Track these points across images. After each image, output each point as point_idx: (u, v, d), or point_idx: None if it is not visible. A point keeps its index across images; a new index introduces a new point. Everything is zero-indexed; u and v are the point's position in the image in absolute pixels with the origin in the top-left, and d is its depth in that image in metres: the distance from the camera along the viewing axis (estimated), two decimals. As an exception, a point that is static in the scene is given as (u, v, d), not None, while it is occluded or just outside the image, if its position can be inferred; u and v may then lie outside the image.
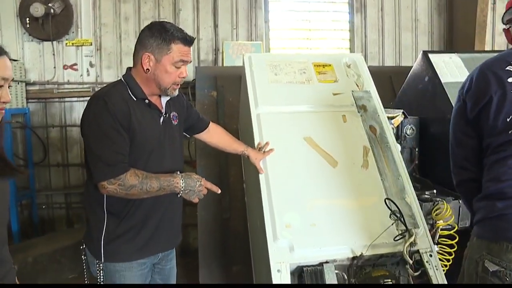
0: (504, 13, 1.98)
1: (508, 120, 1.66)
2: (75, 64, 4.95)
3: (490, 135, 1.71)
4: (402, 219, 2.13)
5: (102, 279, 1.97)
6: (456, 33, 5.04)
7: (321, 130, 2.53)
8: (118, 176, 1.79)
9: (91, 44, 4.93)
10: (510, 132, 1.66)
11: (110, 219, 1.94)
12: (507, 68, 1.73)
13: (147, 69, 1.89)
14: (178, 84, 1.97)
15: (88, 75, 4.96)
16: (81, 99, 4.92)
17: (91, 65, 4.96)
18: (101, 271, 1.96)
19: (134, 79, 1.94)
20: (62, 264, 3.79)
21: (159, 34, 1.86)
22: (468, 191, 1.88)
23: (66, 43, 4.90)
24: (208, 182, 2.01)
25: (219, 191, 2.07)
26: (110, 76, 4.92)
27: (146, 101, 1.94)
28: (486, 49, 4.84)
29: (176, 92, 2.00)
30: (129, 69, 2.00)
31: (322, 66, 2.89)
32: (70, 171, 4.98)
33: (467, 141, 1.82)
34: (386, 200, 2.16)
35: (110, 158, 1.79)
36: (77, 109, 4.95)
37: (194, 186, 1.95)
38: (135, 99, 1.91)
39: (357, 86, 2.82)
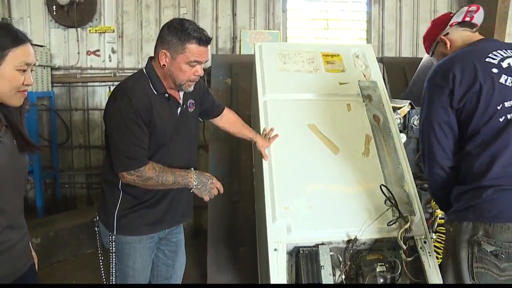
0: None
1: (498, 108, 1.73)
2: (98, 50, 5.14)
3: (478, 124, 1.76)
4: (395, 205, 2.20)
5: (113, 250, 2.12)
6: (477, 25, 4.97)
7: (325, 118, 2.61)
8: (137, 169, 1.93)
9: (113, 31, 5.12)
10: (500, 119, 1.73)
11: (124, 196, 2.08)
12: (487, 60, 1.80)
13: (164, 65, 1.98)
14: (193, 81, 2.05)
15: (110, 61, 5.15)
16: (103, 84, 5.11)
17: (113, 51, 5.14)
18: (113, 243, 2.11)
19: (155, 72, 2.04)
20: (81, 239, 4.00)
21: (176, 33, 1.93)
22: (449, 188, 1.90)
23: (90, 30, 5.09)
24: (218, 182, 2.15)
25: (222, 191, 2.19)
26: (131, 62, 5.09)
27: (166, 95, 2.05)
28: (506, 41, 4.77)
29: (191, 88, 2.07)
30: (150, 59, 2.09)
31: (331, 56, 2.95)
32: (92, 153, 5.20)
33: (450, 132, 1.83)
34: (382, 186, 2.23)
35: (131, 151, 1.93)
36: (99, 93, 5.15)
37: (206, 182, 2.08)
38: (155, 93, 2.02)
39: (364, 76, 2.87)
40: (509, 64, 1.80)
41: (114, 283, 2.15)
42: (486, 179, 1.73)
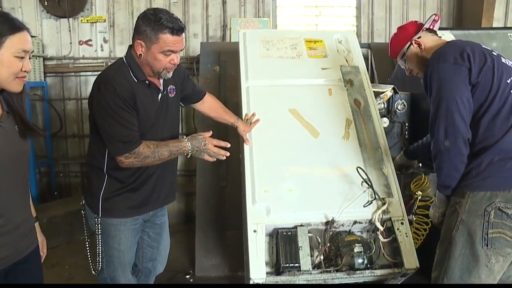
0: None
1: (508, 81, 1.94)
2: (90, 40, 5.16)
3: (493, 98, 1.92)
4: (371, 186, 2.26)
5: (99, 232, 2.18)
6: (465, 10, 4.98)
7: (307, 103, 2.65)
8: (132, 150, 1.99)
9: (104, 21, 5.13)
10: (511, 91, 1.93)
11: (109, 180, 2.14)
12: (483, 46, 2.06)
13: (140, 54, 2.03)
14: (171, 69, 2.09)
15: (102, 50, 5.18)
16: (96, 73, 5.10)
17: (105, 41, 5.16)
18: (99, 225, 2.17)
19: (135, 60, 2.08)
20: (74, 226, 4.06)
21: (149, 23, 1.96)
22: (465, 163, 1.98)
23: (81, 20, 5.10)
24: (214, 140, 2.17)
25: (229, 145, 2.21)
26: (123, 51, 4.93)
27: (146, 82, 2.10)
28: (494, 26, 4.79)
29: (170, 75, 2.12)
30: (130, 48, 2.13)
31: (314, 42, 2.99)
32: (85, 142, 5.22)
33: (469, 107, 1.93)
34: (358, 169, 2.27)
35: (123, 135, 1.98)
36: (92, 82, 5.14)
37: (199, 145, 2.12)
38: (136, 80, 2.06)
39: (347, 61, 2.91)
40: (498, 53, 2.05)
41: (100, 264, 2.21)
42: (504, 150, 1.88)
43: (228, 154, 2.19)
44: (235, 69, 3.73)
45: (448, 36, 3.18)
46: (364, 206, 2.24)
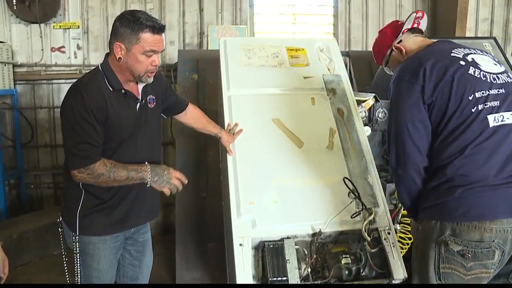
0: None
1: (470, 98, 1.75)
2: (63, 47, 5.01)
3: (451, 116, 1.76)
4: (359, 197, 2.23)
5: (77, 251, 2.07)
6: (439, 20, 5.09)
7: (290, 112, 2.62)
8: (87, 166, 1.89)
9: (78, 27, 4.99)
10: (473, 110, 1.74)
11: (86, 195, 2.03)
12: (452, 54, 1.86)
13: (119, 58, 1.94)
14: (152, 72, 2.01)
15: (76, 57, 5.03)
16: (69, 81, 4.96)
17: (79, 47, 5.02)
18: (77, 243, 2.06)
19: (110, 68, 1.99)
20: (47, 241, 3.90)
21: (128, 23, 1.89)
22: (420, 194, 1.89)
23: (54, 26, 4.95)
24: (177, 172, 2.08)
25: (186, 182, 2.11)
26: (97, 58, 4.98)
27: (123, 91, 2.01)
28: (467, 35, 4.90)
29: (151, 79, 2.04)
30: (107, 56, 2.05)
31: (295, 50, 2.96)
32: (58, 152, 5.07)
33: (423, 129, 1.82)
34: (345, 179, 2.25)
35: (81, 149, 1.89)
36: (65, 90, 4.91)
37: (162, 173, 2.02)
38: (111, 89, 1.98)
39: (329, 70, 2.90)
40: (472, 59, 1.85)
41: (79, 283, 2.11)
42: (454, 178, 1.73)
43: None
44: (214, 77, 3.69)
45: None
46: (352, 217, 2.21)
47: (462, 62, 1.82)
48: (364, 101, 3.04)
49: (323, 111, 2.66)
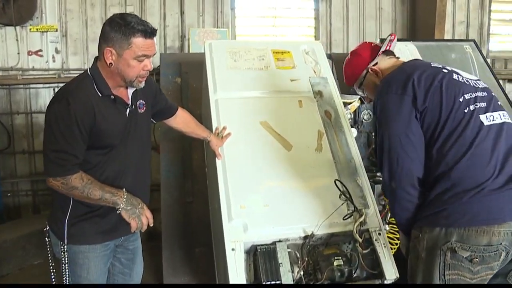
0: None
1: (460, 100, 1.79)
2: (40, 50, 4.90)
3: (446, 120, 1.78)
4: (350, 199, 2.24)
5: (66, 261, 2.01)
6: (418, 22, 5.18)
7: (277, 115, 2.60)
8: (63, 176, 1.83)
9: (56, 30, 4.89)
10: (465, 110, 1.77)
11: (74, 203, 1.97)
12: (433, 65, 1.96)
13: (110, 63, 1.88)
14: (143, 77, 1.96)
15: (54, 61, 4.93)
16: (47, 85, 4.88)
17: (57, 51, 4.92)
18: (65, 253, 2.00)
19: (100, 73, 1.93)
20: (27, 250, 3.77)
21: (119, 28, 1.83)
22: (415, 208, 1.87)
23: (30, 29, 4.84)
24: (149, 211, 2.04)
25: (152, 225, 2.06)
26: (76, 62, 4.90)
27: (112, 96, 1.96)
28: (445, 37, 5.00)
29: (142, 84, 1.99)
30: (96, 60, 1.99)
31: (281, 53, 2.96)
32: (37, 158, 4.95)
33: (417, 140, 1.82)
34: (336, 181, 2.26)
35: (60, 158, 1.83)
36: (43, 95, 4.91)
37: (136, 205, 1.98)
38: (100, 95, 1.92)
39: (315, 72, 2.91)
40: (452, 68, 1.93)
41: None
42: (458, 180, 1.73)
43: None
44: (197, 81, 3.66)
45: (411, 47, 3.27)
46: (343, 219, 2.21)
47: (445, 70, 1.91)
48: (350, 103, 3.06)
49: (311, 113, 2.66)
